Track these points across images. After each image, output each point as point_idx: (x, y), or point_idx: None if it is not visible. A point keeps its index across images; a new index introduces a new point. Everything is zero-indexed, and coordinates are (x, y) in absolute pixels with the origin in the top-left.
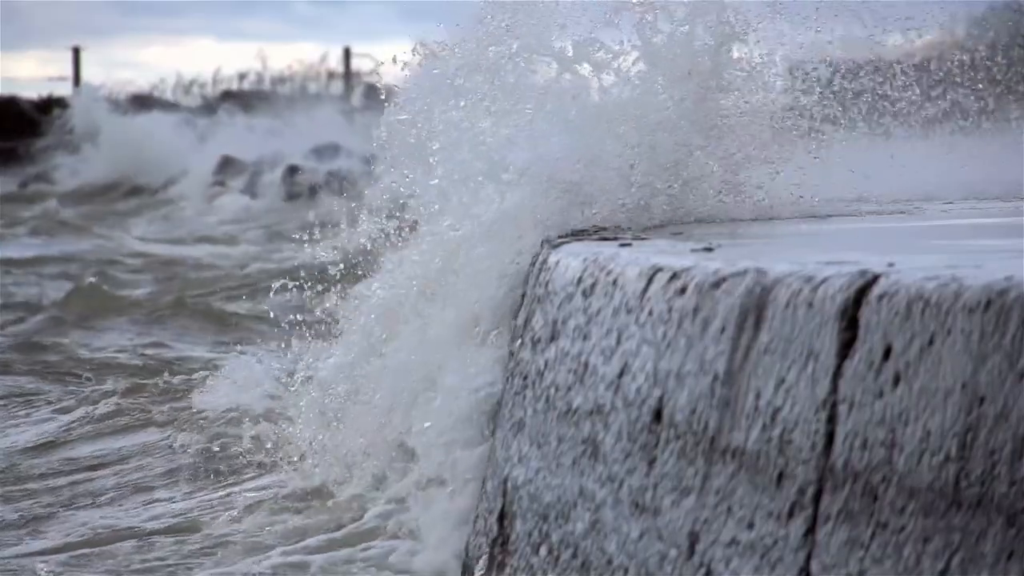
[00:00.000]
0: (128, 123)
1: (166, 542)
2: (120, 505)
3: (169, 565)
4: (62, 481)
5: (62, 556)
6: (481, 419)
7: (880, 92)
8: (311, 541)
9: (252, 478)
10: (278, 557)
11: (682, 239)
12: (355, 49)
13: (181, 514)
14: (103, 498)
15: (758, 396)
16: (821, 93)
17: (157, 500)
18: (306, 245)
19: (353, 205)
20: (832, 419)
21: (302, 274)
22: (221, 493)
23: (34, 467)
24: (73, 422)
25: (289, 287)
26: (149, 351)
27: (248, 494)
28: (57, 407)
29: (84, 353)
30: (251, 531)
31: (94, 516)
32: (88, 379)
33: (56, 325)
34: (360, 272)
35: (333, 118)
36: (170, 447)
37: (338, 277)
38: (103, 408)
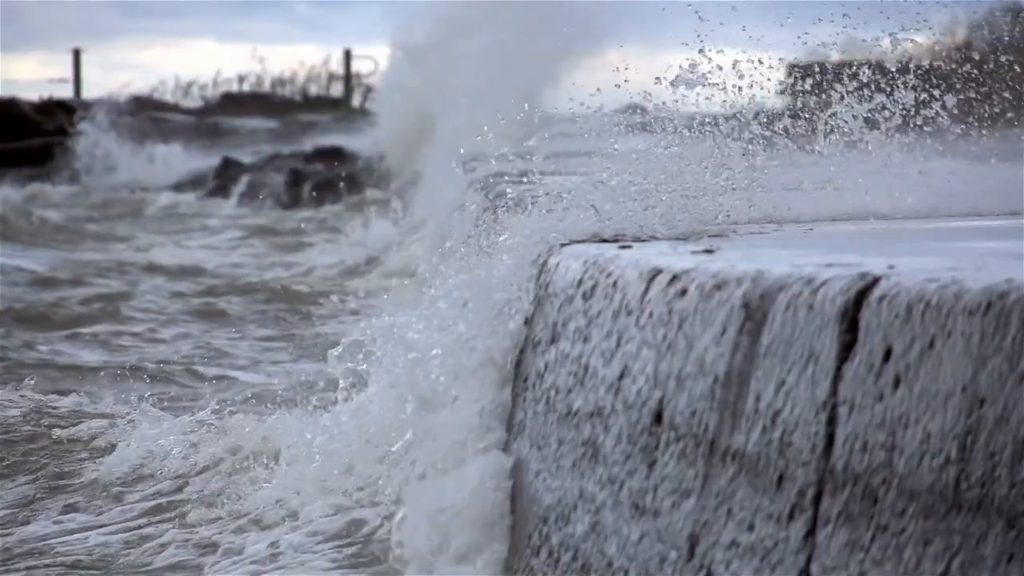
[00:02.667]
0: (137, 148)
1: None
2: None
3: None
4: None
5: None
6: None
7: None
8: None
9: None
10: None
11: (682, 241)
12: (356, 51)
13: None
14: None
15: (758, 398)
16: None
17: None
18: (306, 250)
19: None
20: (832, 421)
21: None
22: None
23: None
24: None
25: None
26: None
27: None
28: None
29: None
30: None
31: None
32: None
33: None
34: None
35: (334, 120)
36: None
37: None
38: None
